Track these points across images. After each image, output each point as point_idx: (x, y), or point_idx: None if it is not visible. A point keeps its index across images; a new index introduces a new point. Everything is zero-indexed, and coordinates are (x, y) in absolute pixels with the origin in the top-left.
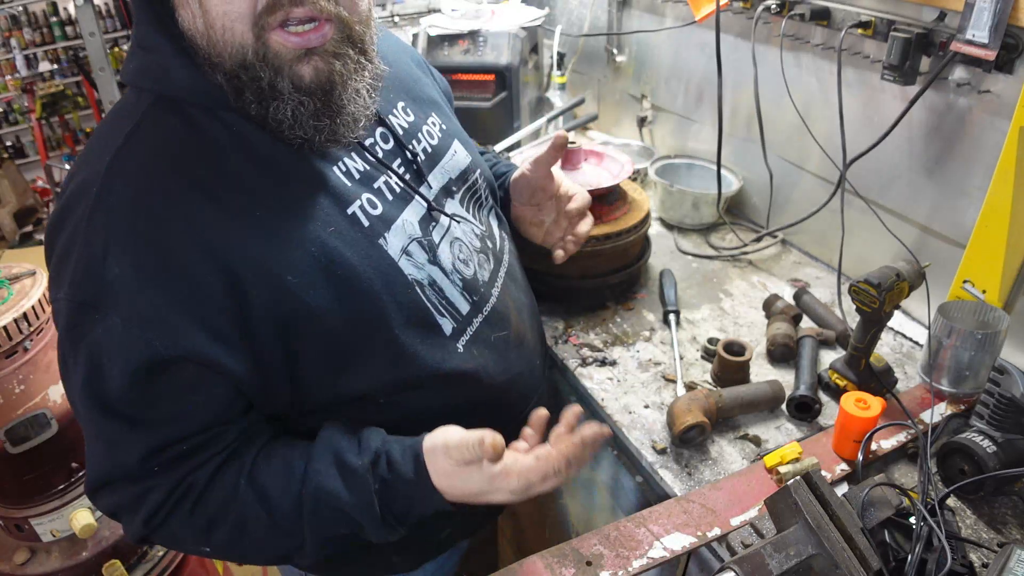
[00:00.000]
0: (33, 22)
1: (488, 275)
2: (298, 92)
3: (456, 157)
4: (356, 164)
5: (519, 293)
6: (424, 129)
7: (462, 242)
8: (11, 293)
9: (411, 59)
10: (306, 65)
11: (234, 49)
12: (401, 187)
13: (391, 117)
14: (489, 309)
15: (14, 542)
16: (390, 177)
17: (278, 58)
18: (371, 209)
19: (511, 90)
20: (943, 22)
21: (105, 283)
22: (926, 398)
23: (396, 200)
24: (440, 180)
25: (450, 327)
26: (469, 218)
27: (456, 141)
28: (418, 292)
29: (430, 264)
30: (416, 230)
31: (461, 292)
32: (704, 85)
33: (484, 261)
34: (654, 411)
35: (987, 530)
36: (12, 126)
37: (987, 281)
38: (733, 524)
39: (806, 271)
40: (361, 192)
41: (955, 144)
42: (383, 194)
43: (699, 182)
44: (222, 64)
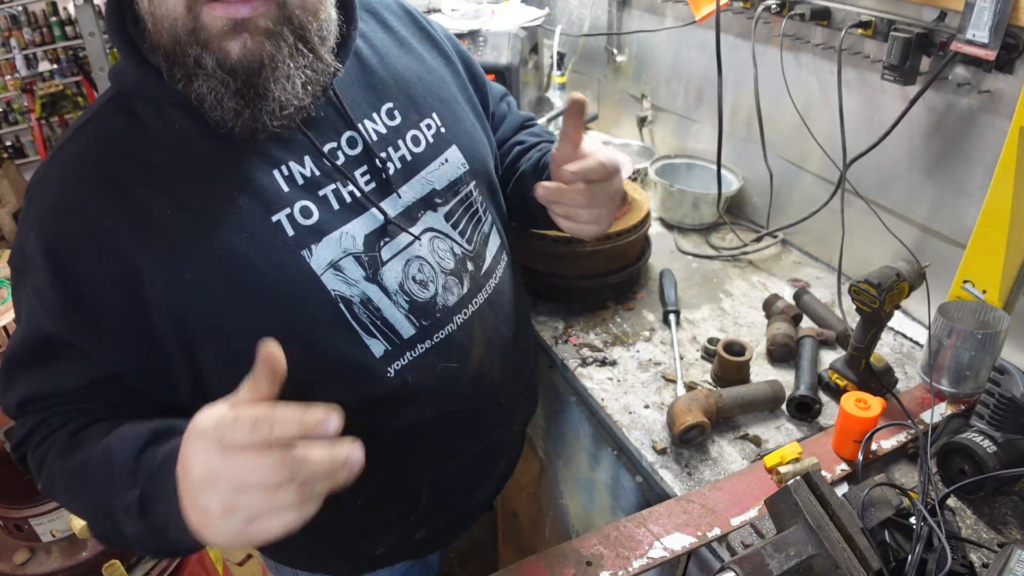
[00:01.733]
0: (33, 22)
1: (455, 300)
2: (222, 70)
3: (446, 167)
4: (304, 169)
5: (499, 324)
6: (410, 134)
7: (425, 261)
8: (11, 293)
9: (427, 43)
10: (234, 41)
11: (169, 24)
12: (356, 197)
13: (366, 122)
14: (443, 337)
15: (14, 542)
16: (344, 185)
17: (206, 31)
18: (302, 218)
19: (511, 90)
20: (943, 22)
21: (25, 256)
22: (926, 398)
23: (343, 210)
24: (419, 191)
25: (381, 349)
26: (451, 235)
27: (454, 148)
28: (342, 309)
29: (367, 281)
30: (357, 244)
31: (406, 315)
32: (704, 85)
33: (454, 284)
34: (654, 411)
35: (987, 530)
36: (12, 126)
37: (987, 281)
38: (733, 524)
39: (806, 271)
40: (297, 199)
41: (955, 144)
42: (327, 202)
43: (699, 182)
44: (161, 42)
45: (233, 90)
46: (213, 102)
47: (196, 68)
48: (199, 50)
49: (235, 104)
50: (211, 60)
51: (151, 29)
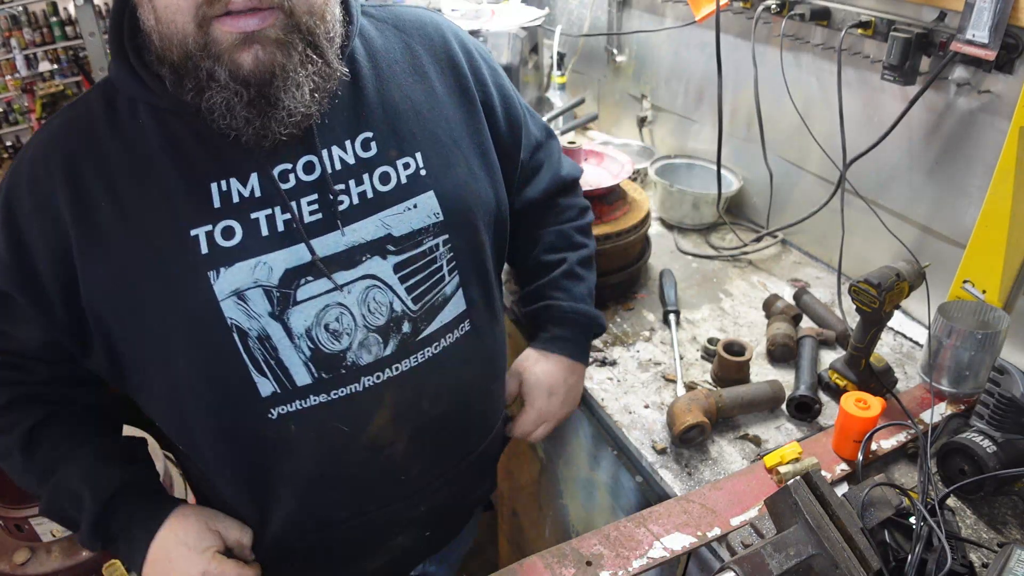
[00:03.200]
0: (33, 22)
1: (370, 360)
2: (235, 81)
3: (412, 213)
4: (243, 188)
5: (422, 400)
6: (379, 170)
7: (347, 311)
8: None
9: (446, 75)
10: (246, 53)
11: (178, 40)
12: (288, 228)
13: (334, 148)
14: (343, 395)
15: (14, 542)
16: (282, 212)
17: (217, 45)
18: (222, 239)
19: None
20: (943, 22)
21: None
22: (926, 398)
23: (271, 238)
24: (370, 232)
25: (270, 389)
26: (395, 288)
27: (430, 195)
28: (235, 339)
29: (270, 317)
30: (272, 278)
31: (305, 362)
32: (704, 85)
33: (375, 343)
34: (654, 411)
35: (987, 530)
36: (12, 126)
37: (987, 281)
38: (733, 524)
39: (806, 271)
40: (224, 218)
41: (955, 144)
42: (257, 227)
43: (699, 182)
44: (170, 56)
45: (246, 100)
46: (224, 111)
47: (209, 80)
48: (211, 63)
49: (247, 113)
50: (224, 73)
51: (158, 44)
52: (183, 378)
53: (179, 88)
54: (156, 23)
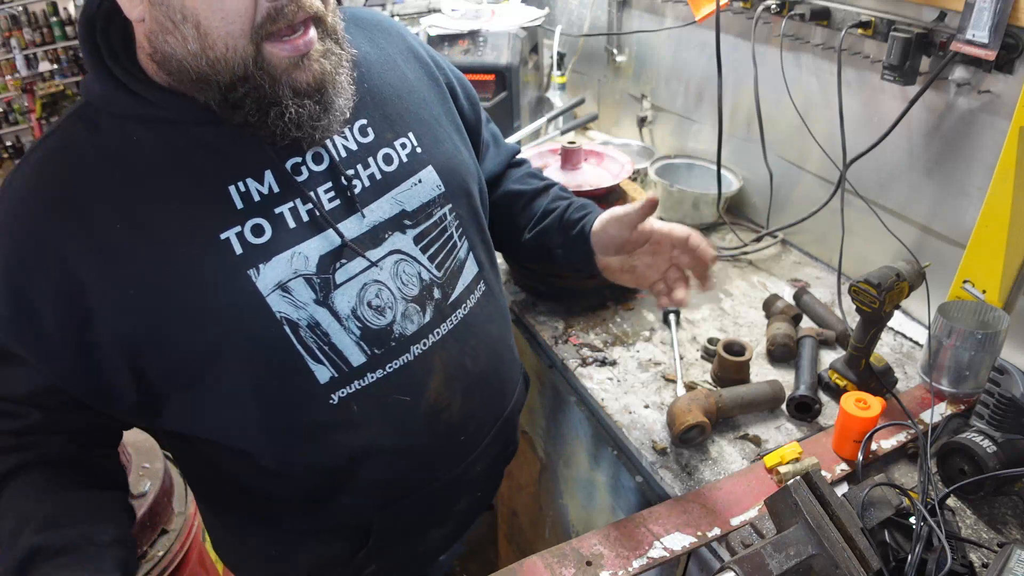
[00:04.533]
0: (33, 22)
1: (414, 329)
2: (297, 96)
3: (419, 187)
4: (261, 186)
5: (465, 358)
6: (382, 152)
7: (384, 286)
8: None
9: (414, 63)
10: (304, 72)
11: (236, 64)
12: (315, 216)
13: (335, 138)
14: (397, 367)
15: None
16: (303, 203)
17: (273, 67)
18: (252, 237)
19: (511, 90)
20: (943, 22)
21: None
22: (926, 398)
23: (300, 229)
24: (387, 211)
25: (327, 375)
26: (420, 259)
27: (429, 169)
28: (287, 331)
29: (316, 304)
30: (310, 266)
31: (357, 341)
32: (704, 85)
33: (415, 313)
34: (654, 411)
35: (987, 530)
36: (12, 126)
37: (987, 281)
38: (733, 524)
39: (806, 271)
40: (250, 217)
41: (955, 144)
42: (283, 221)
43: (699, 182)
44: (218, 80)
45: (311, 111)
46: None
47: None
48: (270, 82)
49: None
50: (287, 90)
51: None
52: (238, 383)
53: (229, 108)
54: (204, 50)
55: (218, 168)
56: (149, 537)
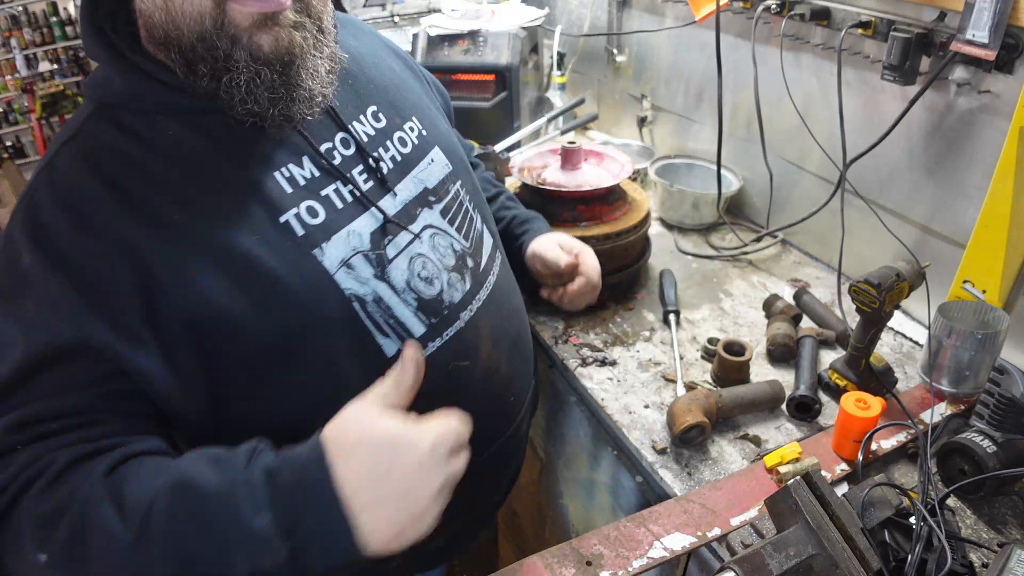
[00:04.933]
0: (33, 22)
1: (460, 297)
2: (255, 63)
3: (433, 167)
4: (303, 171)
5: (503, 322)
6: (396, 136)
7: (427, 258)
8: None
9: (395, 58)
10: (266, 34)
11: (192, 20)
12: (355, 196)
13: (355, 123)
14: (452, 334)
15: None
16: (343, 185)
17: (235, 26)
18: (310, 218)
19: (511, 90)
20: (943, 22)
21: (16, 273)
22: (926, 398)
23: (347, 209)
24: (413, 189)
25: (393, 348)
26: (450, 231)
27: (436, 149)
28: (356, 309)
29: (377, 279)
30: (364, 242)
31: (415, 312)
32: (704, 85)
33: (457, 281)
34: (654, 411)
35: (987, 530)
36: (12, 126)
37: (987, 281)
38: (733, 524)
39: (806, 271)
40: (302, 200)
41: (955, 144)
42: (331, 202)
43: (699, 182)
44: (179, 38)
45: (268, 82)
46: (244, 96)
47: (226, 61)
48: (229, 44)
49: (270, 95)
50: (244, 54)
51: (163, 28)
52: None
53: (190, 74)
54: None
55: (259, 156)
56: None
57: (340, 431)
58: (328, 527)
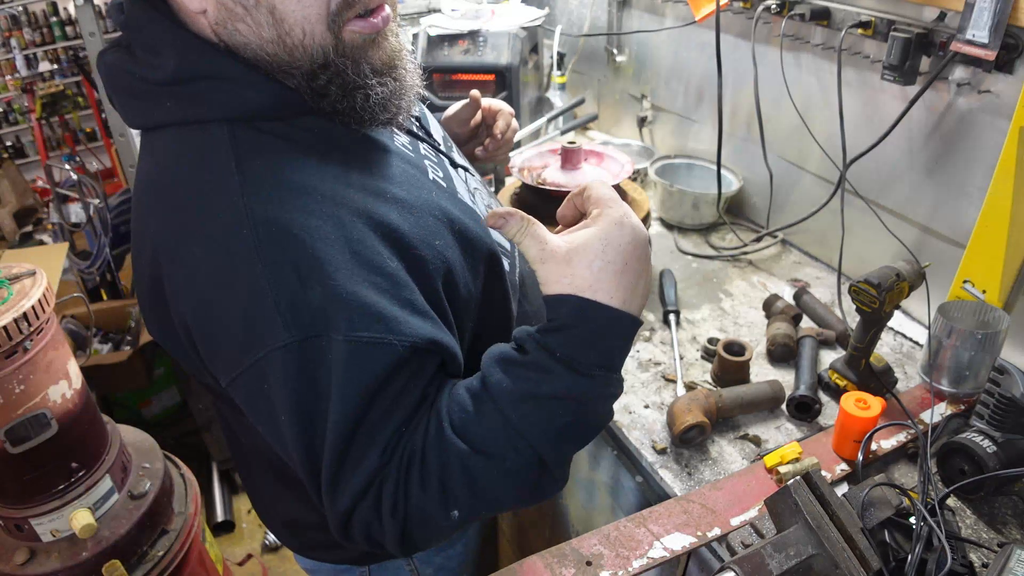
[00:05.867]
0: (33, 22)
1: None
2: (378, 75)
3: (433, 121)
4: (404, 139)
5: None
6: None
7: (480, 190)
8: (11, 293)
9: None
10: (379, 49)
11: (315, 51)
12: (434, 151)
13: None
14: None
15: (14, 542)
16: (423, 144)
17: (354, 49)
18: (435, 173)
19: (511, 90)
20: (943, 22)
21: (314, 309)
22: (926, 398)
23: (440, 162)
24: (446, 144)
25: (507, 263)
26: (485, 190)
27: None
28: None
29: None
30: (464, 182)
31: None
32: (704, 85)
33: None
34: (654, 411)
35: (987, 530)
36: (12, 126)
37: (987, 281)
38: (733, 524)
39: (806, 271)
40: (422, 160)
41: (955, 144)
42: (431, 158)
43: (699, 182)
44: (300, 68)
45: (391, 89)
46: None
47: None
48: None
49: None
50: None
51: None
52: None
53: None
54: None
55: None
56: (149, 537)
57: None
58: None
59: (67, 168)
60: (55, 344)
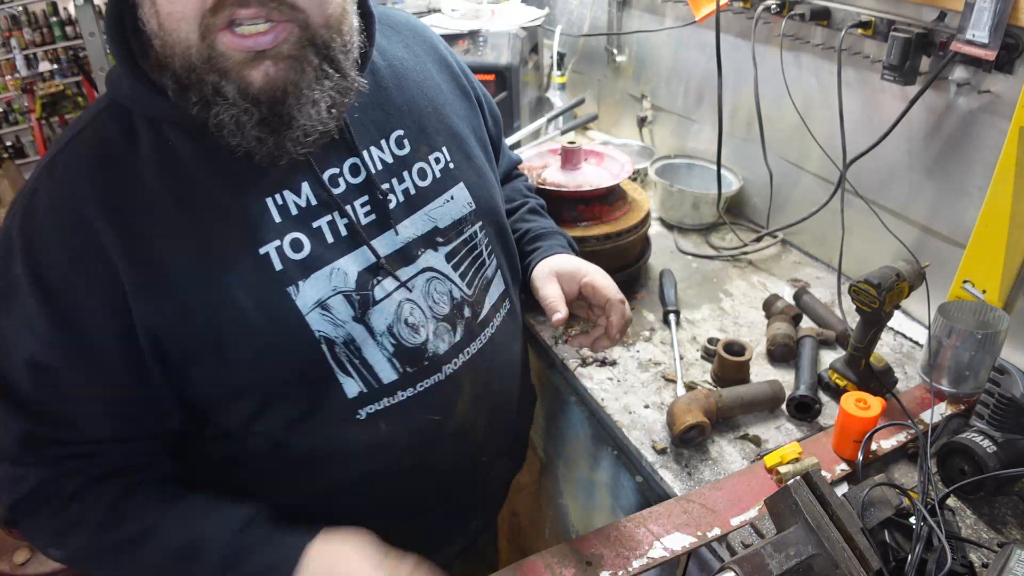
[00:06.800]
0: (33, 22)
1: (446, 349)
2: (244, 99)
3: (451, 204)
4: (299, 199)
5: (491, 378)
6: (417, 166)
7: (416, 305)
8: None
9: (444, 71)
10: (256, 69)
11: (181, 50)
12: (352, 230)
13: (372, 149)
14: (428, 386)
15: (14, 542)
16: (340, 217)
17: (225, 60)
18: (292, 252)
19: (511, 90)
20: (943, 22)
21: (10, 279)
22: (926, 398)
23: (337, 244)
24: (420, 228)
25: (356, 390)
26: (451, 277)
27: (460, 185)
28: (323, 350)
29: (354, 321)
30: (349, 282)
31: (389, 358)
32: (704, 85)
33: (446, 332)
34: (654, 411)
35: (987, 530)
36: (12, 126)
37: (987, 281)
38: (733, 524)
39: (806, 271)
40: (288, 231)
41: (955, 144)
42: (321, 235)
43: (699, 182)
44: (171, 65)
45: (257, 119)
46: (234, 129)
47: (215, 96)
48: (217, 78)
49: (258, 133)
50: (232, 89)
51: (160, 51)
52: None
53: (182, 100)
54: (159, 29)
55: (255, 179)
56: None
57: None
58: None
59: None
60: None
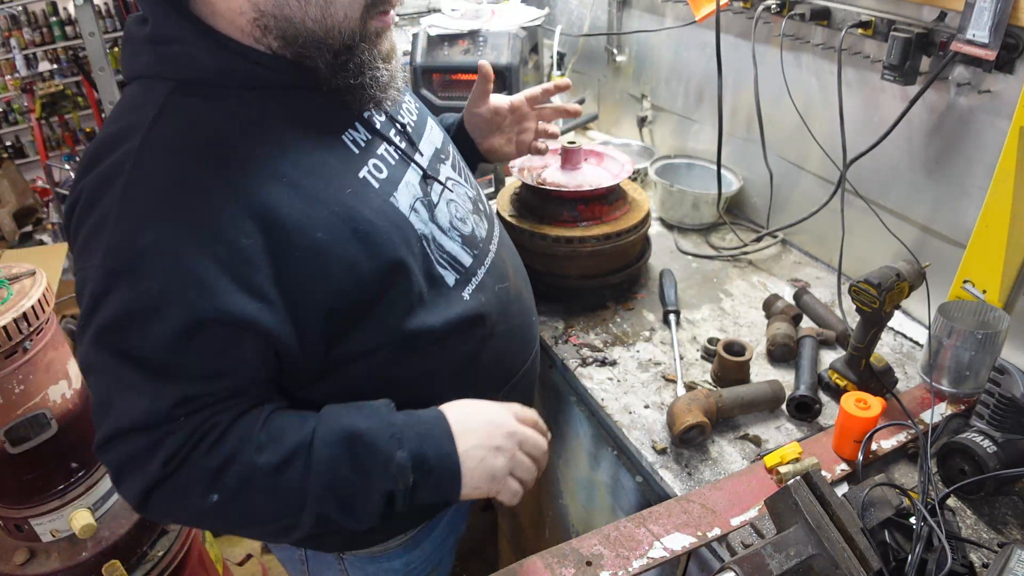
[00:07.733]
0: (33, 22)
1: (485, 232)
2: (384, 62)
3: (435, 132)
4: (360, 135)
5: (513, 255)
6: (404, 107)
7: (457, 203)
8: (11, 293)
9: None
10: (385, 41)
11: (348, 33)
12: (399, 155)
13: None
14: (489, 262)
15: (14, 542)
16: (388, 146)
17: (372, 37)
18: (377, 172)
19: (511, 90)
20: (943, 22)
21: (138, 250)
22: (926, 398)
23: (397, 165)
24: (430, 148)
25: (453, 278)
26: (462, 181)
27: (429, 118)
28: (425, 246)
29: (431, 222)
30: (417, 192)
31: (461, 246)
32: (704, 85)
33: (479, 221)
34: (654, 411)
35: (987, 530)
36: (12, 126)
37: (987, 281)
38: (733, 524)
39: (806, 271)
40: (367, 158)
41: (955, 144)
42: (386, 159)
43: (699, 182)
44: (331, 45)
45: (389, 75)
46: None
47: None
48: (367, 47)
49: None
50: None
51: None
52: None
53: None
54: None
55: (328, 123)
56: (149, 537)
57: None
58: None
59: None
60: (55, 344)
